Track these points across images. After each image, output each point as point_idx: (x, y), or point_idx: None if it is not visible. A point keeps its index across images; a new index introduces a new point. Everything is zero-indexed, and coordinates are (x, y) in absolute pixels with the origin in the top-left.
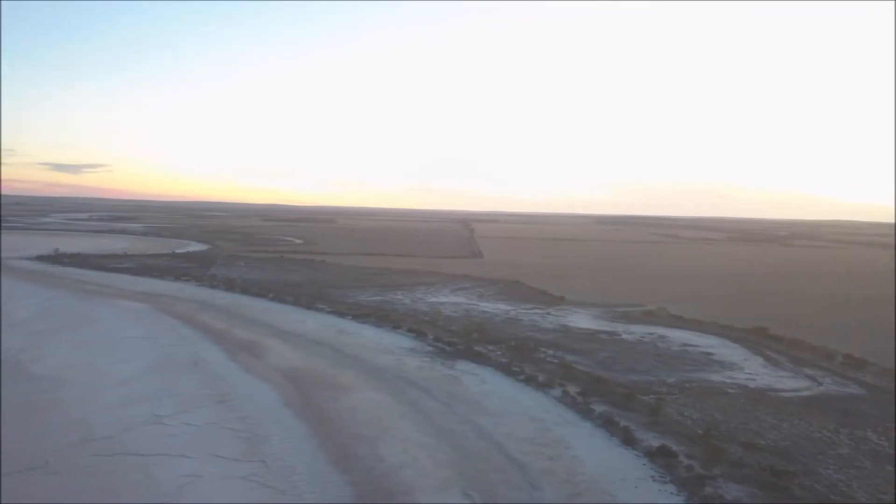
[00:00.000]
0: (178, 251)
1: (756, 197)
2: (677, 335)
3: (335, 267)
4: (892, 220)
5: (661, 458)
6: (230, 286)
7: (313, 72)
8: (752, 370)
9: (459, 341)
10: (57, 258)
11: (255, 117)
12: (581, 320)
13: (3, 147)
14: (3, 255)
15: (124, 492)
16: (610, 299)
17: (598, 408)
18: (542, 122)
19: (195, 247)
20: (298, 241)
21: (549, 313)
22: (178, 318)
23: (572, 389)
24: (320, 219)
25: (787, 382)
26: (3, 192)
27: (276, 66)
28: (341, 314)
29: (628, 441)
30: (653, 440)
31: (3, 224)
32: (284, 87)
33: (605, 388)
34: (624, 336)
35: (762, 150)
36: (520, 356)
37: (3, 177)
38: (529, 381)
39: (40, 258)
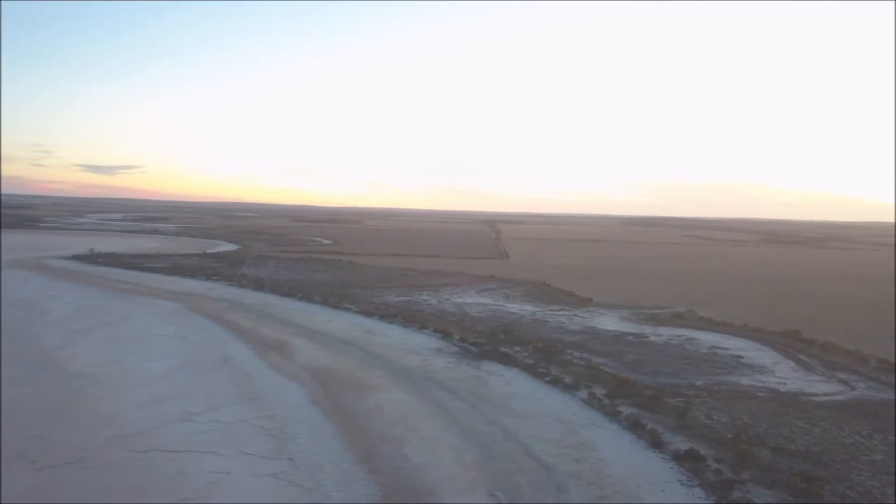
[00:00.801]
0: (208, 251)
1: (788, 198)
2: (706, 337)
3: (362, 267)
4: None
5: (688, 461)
6: (259, 286)
7: (341, 73)
8: (783, 374)
9: (485, 342)
10: (92, 258)
11: (284, 119)
12: (608, 322)
13: (41, 149)
14: (42, 254)
15: (156, 487)
16: (638, 301)
17: (625, 410)
18: (570, 123)
19: (225, 247)
20: (326, 242)
21: (576, 315)
22: (209, 317)
23: (599, 391)
24: (347, 219)
25: (818, 386)
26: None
27: (306, 68)
28: (368, 314)
29: (656, 444)
30: (680, 443)
31: (40, 224)
32: (312, 88)
33: (633, 391)
34: (652, 338)
35: (794, 151)
36: (546, 358)
37: (41, 178)
38: (556, 382)
39: (76, 257)
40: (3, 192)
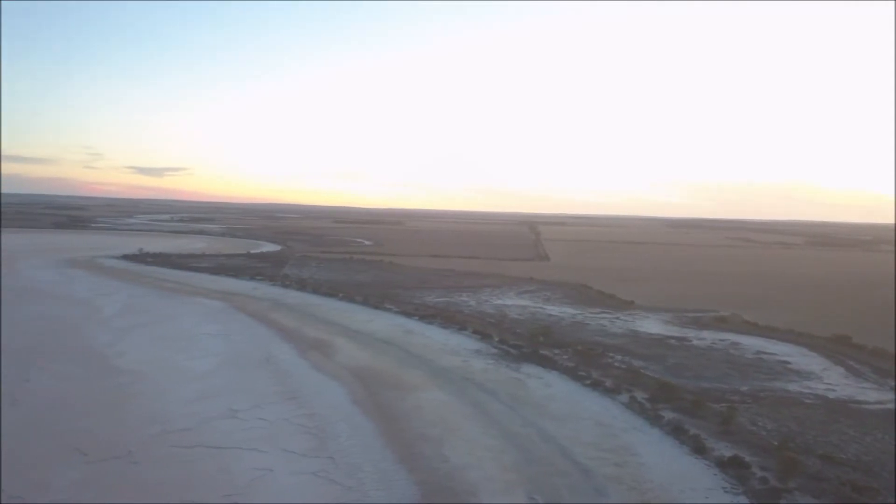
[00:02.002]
0: (252, 251)
1: (837, 199)
2: (751, 342)
3: (402, 268)
4: None
5: (732, 468)
6: (302, 286)
7: (384, 74)
8: (832, 380)
9: (525, 344)
10: (141, 257)
11: (321, 120)
12: (650, 325)
13: (93, 151)
14: (94, 254)
15: (201, 483)
16: (681, 304)
17: (667, 415)
18: (610, 123)
19: (269, 247)
20: (367, 243)
21: (617, 318)
22: (252, 316)
23: (640, 395)
24: (388, 221)
25: (870, 394)
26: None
27: (348, 69)
28: (408, 314)
29: (698, 450)
30: (724, 449)
31: (92, 225)
32: (354, 90)
33: (675, 395)
34: (695, 342)
35: (842, 150)
36: (586, 360)
37: (92, 180)
38: (596, 385)
39: (126, 257)
40: (54, 193)
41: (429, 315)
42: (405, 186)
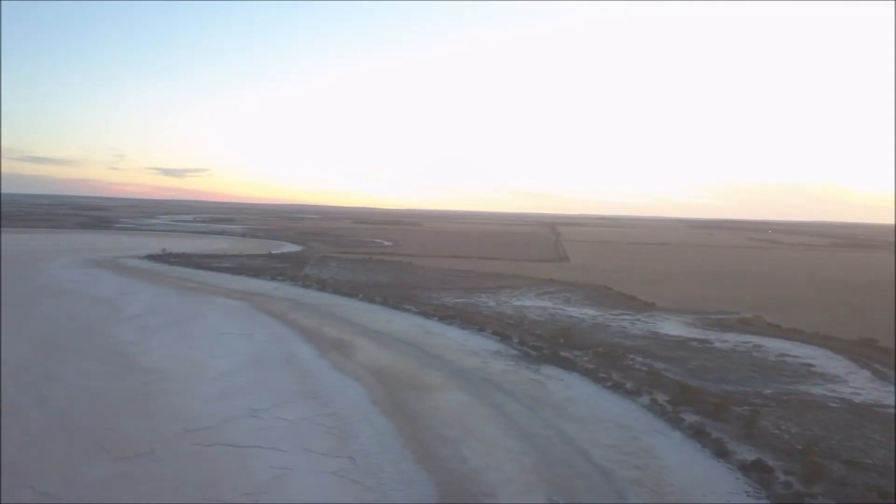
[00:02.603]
0: (273, 252)
1: (863, 200)
2: (775, 345)
3: (421, 269)
4: None
5: (755, 472)
6: (322, 286)
7: (401, 75)
8: (858, 384)
9: (545, 346)
10: (164, 257)
11: (343, 122)
12: (672, 327)
13: (116, 153)
14: (118, 254)
15: (222, 481)
16: (703, 306)
17: (689, 417)
18: (632, 123)
19: (289, 248)
20: (387, 243)
21: (638, 319)
22: (273, 316)
23: (661, 398)
24: (408, 221)
25: None
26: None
27: (366, 70)
28: (427, 315)
29: (720, 453)
30: (747, 453)
31: (116, 225)
32: (372, 91)
33: (696, 398)
34: (717, 344)
35: (868, 151)
36: (607, 362)
37: (115, 181)
38: (616, 387)
39: (149, 257)
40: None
41: (448, 316)
42: (424, 188)
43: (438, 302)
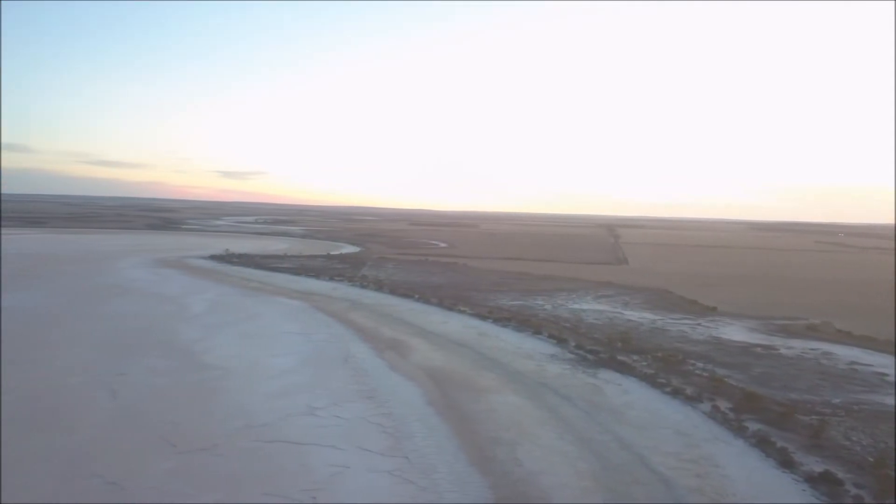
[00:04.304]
0: (332, 253)
1: None
2: (844, 352)
3: (476, 270)
4: None
5: (823, 484)
6: (379, 286)
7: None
8: None
9: (602, 350)
10: (227, 258)
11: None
12: (734, 332)
13: (182, 156)
14: (183, 254)
15: (281, 477)
16: (767, 311)
17: (752, 426)
18: (695, 124)
19: (348, 249)
20: (442, 245)
21: (699, 324)
22: (331, 316)
23: (723, 405)
24: (463, 223)
25: None
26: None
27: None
28: (482, 317)
29: (786, 463)
30: (814, 464)
31: (182, 226)
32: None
33: (760, 406)
34: (782, 351)
35: None
36: (666, 367)
37: (181, 183)
38: (676, 393)
39: (213, 257)
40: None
41: (503, 318)
42: (479, 192)
43: (493, 304)
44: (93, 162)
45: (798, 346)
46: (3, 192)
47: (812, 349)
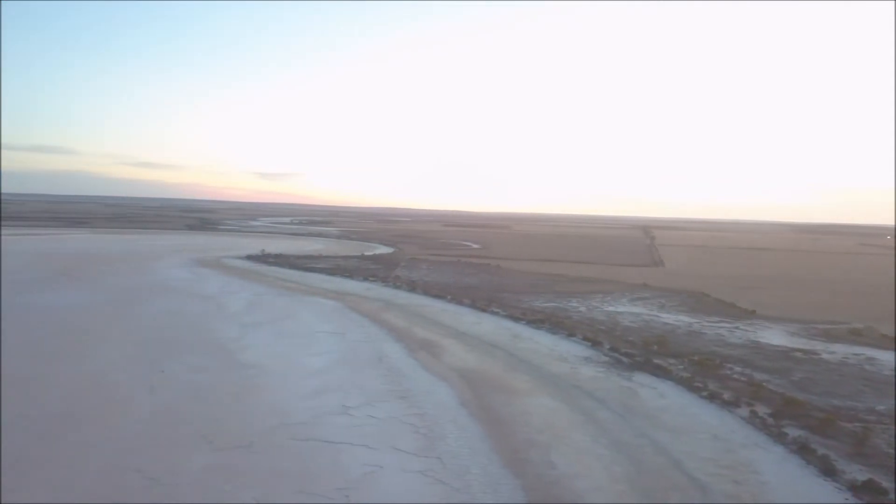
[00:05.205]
0: (366, 253)
1: None
2: (890, 358)
3: (510, 271)
4: None
5: (866, 493)
6: (412, 287)
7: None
8: None
9: (637, 353)
10: (263, 258)
11: (434, 127)
12: (774, 336)
13: (220, 157)
14: (221, 255)
15: (316, 475)
16: (808, 315)
17: (792, 432)
18: (735, 124)
19: (381, 249)
20: (475, 246)
21: (737, 328)
22: (365, 316)
23: (762, 410)
24: (496, 224)
25: None
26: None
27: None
28: (515, 318)
29: (827, 471)
30: (857, 473)
31: (220, 227)
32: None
33: (801, 412)
34: (824, 356)
35: None
36: (703, 371)
37: (219, 184)
38: (713, 398)
39: (249, 257)
40: (185, 197)
41: (537, 320)
42: (515, 191)
43: (527, 305)
44: (134, 164)
45: (840, 350)
46: (48, 193)
47: (855, 354)
